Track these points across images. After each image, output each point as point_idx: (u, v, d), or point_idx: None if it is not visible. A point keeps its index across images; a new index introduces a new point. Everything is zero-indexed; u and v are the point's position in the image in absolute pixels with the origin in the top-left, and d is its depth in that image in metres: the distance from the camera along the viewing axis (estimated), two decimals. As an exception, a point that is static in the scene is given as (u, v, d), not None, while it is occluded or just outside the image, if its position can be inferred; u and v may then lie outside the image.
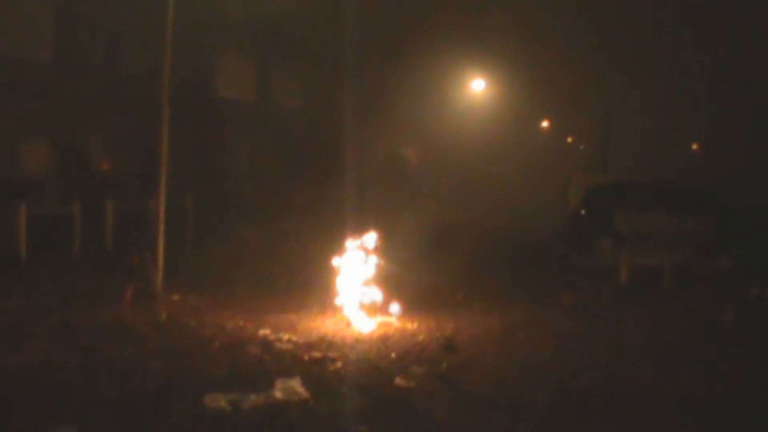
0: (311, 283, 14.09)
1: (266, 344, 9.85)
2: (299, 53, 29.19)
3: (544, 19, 35.69)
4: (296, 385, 7.80)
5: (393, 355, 9.49)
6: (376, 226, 12.64)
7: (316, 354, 9.39)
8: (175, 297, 12.60)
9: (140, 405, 7.32)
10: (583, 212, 19.18)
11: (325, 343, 10.09)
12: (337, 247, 17.99)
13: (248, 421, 7.10)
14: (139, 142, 22.32)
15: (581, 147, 60.45)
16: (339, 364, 8.93)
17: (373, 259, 12.05)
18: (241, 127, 27.16)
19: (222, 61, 26.90)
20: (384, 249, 12.27)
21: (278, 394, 7.59)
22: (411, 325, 11.30)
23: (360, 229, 13.31)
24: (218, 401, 7.36)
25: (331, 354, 9.41)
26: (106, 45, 21.87)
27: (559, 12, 35.53)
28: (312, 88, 31.20)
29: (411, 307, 12.11)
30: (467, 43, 32.81)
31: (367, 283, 11.87)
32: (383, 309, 11.75)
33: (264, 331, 10.55)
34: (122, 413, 7.11)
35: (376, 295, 11.80)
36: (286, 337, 10.31)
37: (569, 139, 57.58)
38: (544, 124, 50.88)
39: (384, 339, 10.44)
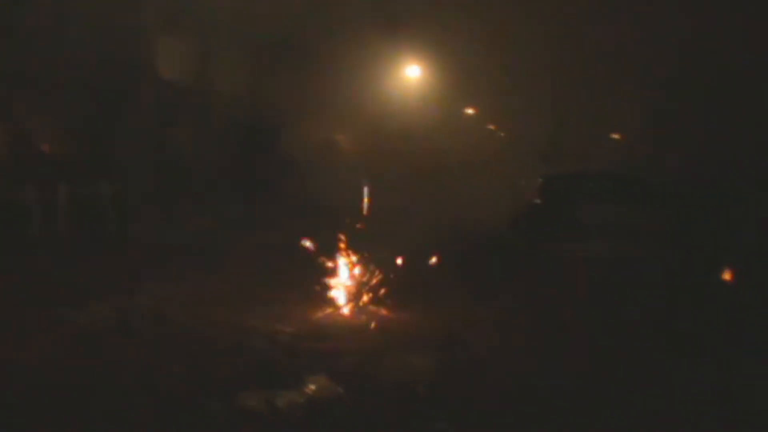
0: (282, 272, 13.96)
1: (268, 338, 9.61)
2: (241, 38, 28.67)
3: (477, 8, 35.74)
4: (326, 380, 7.62)
5: (405, 346, 9.33)
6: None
7: (325, 347, 9.21)
8: (154, 287, 12.23)
9: (173, 406, 7.03)
10: (538, 202, 19.32)
11: (327, 335, 9.90)
12: (291, 234, 17.83)
13: (289, 419, 6.89)
14: (86, 124, 21.73)
15: (501, 134, 60.92)
16: (355, 358, 8.74)
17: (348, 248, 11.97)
18: (183, 111, 26.57)
19: (164, 44, 26.19)
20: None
21: (312, 390, 7.39)
22: (404, 315, 11.18)
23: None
24: (253, 400, 7.13)
25: (342, 347, 9.25)
26: (51, 24, 21.07)
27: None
28: (254, 74, 30.69)
29: (394, 296, 11.99)
30: (404, 29, 32.70)
31: (351, 274, 11.75)
32: (370, 299, 11.61)
33: (258, 324, 10.30)
34: (158, 416, 6.82)
35: (362, 285, 11.69)
36: (283, 329, 10.10)
37: (491, 127, 57.95)
38: (470, 111, 50.97)
39: (384, 330, 10.31)
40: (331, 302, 11.37)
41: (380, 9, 33.11)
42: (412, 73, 35.22)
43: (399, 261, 14.43)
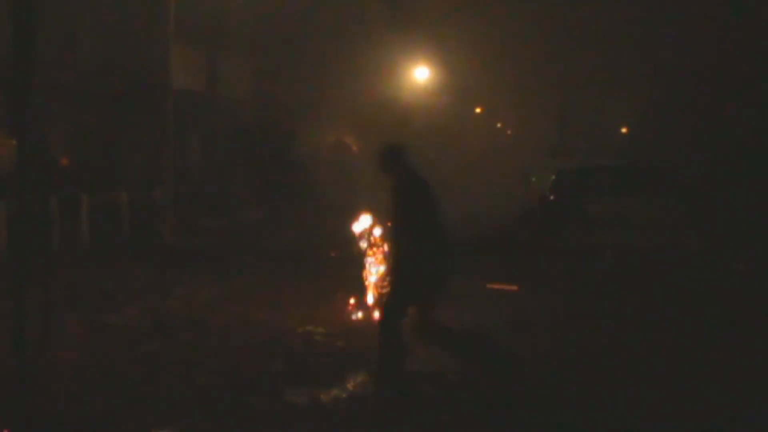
0: (310, 273, 14.26)
1: (304, 337, 9.86)
2: (247, 43, 29.03)
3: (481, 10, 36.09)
4: (365, 377, 7.87)
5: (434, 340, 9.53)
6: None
7: (359, 346, 9.42)
8: (183, 291, 12.48)
9: (222, 403, 7.28)
10: (552, 197, 19.53)
11: (360, 335, 10.13)
12: (311, 235, 18.10)
13: (333, 414, 7.13)
14: (101, 135, 22.06)
15: (508, 132, 61.30)
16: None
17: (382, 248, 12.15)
18: (194, 117, 26.84)
19: (173, 51, 26.43)
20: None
21: (353, 387, 7.65)
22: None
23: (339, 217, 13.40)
24: (298, 396, 7.39)
25: (374, 345, 9.44)
26: (64, 36, 21.40)
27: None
28: (262, 79, 31.01)
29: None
30: (411, 32, 33.01)
31: (382, 273, 11.96)
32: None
33: (292, 324, 10.54)
34: (206, 411, 7.08)
35: (385, 282, 11.89)
36: (316, 329, 10.34)
37: (498, 125, 58.41)
38: (477, 110, 51.43)
39: (414, 326, 10.50)
40: (358, 302, 11.57)
41: (387, 12, 33.47)
42: (420, 75, 35.60)
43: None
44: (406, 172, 7.71)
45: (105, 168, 20.77)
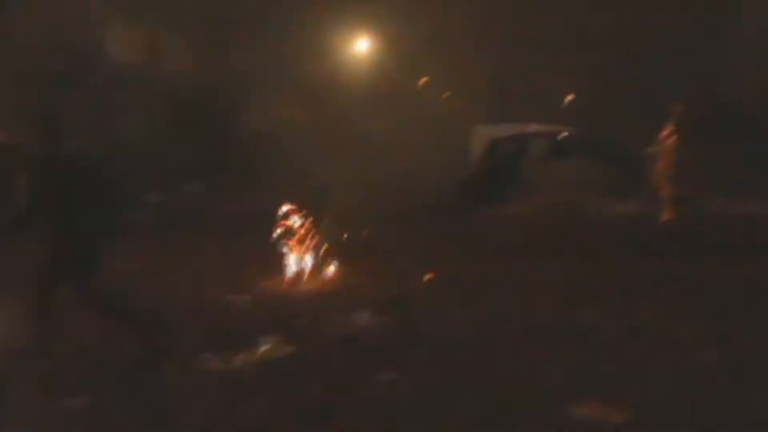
0: (238, 243, 14.48)
1: (228, 305, 10.16)
2: (189, 15, 28.90)
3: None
4: (278, 340, 8.18)
5: (352, 307, 9.88)
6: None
7: (278, 312, 9.74)
8: (117, 263, 12.61)
9: (133, 371, 7.55)
10: (488, 163, 19.86)
11: (281, 301, 10.45)
12: (247, 206, 18.26)
13: (243, 377, 7.44)
14: (39, 111, 21.96)
15: (458, 101, 61.28)
16: (306, 320, 9.32)
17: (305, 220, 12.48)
18: (134, 91, 26.79)
19: (112, 26, 26.35)
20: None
21: (266, 350, 7.96)
22: (354, 280, 11.72)
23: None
24: (210, 361, 7.68)
25: (294, 311, 9.80)
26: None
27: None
28: (203, 51, 30.87)
29: (345, 261, 12.49)
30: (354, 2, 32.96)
31: (306, 243, 12.28)
32: (324, 267, 12.16)
33: (216, 293, 10.82)
34: (119, 378, 7.36)
35: (317, 253, 12.24)
36: (239, 297, 10.63)
37: (447, 94, 58.49)
38: (423, 80, 51.41)
39: (336, 295, 10.87)
40: (284, 270, 11.87)
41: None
42: (362, 46, 35.59)
43: (350, 227, 14.99)
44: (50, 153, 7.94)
45: (45, 144, 20.70)
